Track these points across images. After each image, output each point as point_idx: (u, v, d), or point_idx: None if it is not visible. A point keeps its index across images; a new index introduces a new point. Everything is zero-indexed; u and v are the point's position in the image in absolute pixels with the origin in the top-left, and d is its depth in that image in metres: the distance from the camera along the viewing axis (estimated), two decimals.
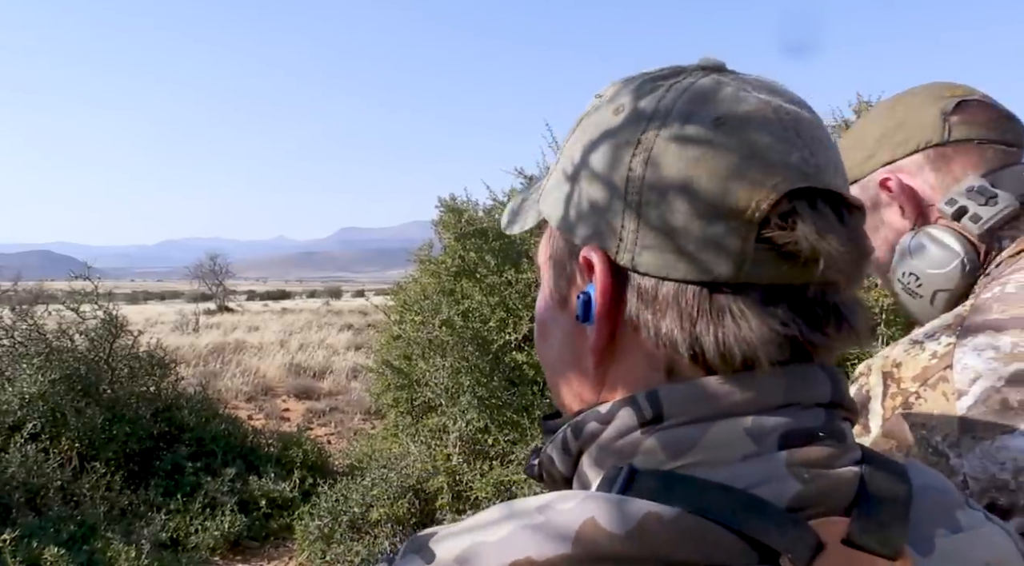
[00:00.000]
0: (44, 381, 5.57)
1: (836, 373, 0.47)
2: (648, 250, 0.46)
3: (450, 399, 4.59)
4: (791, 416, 0.44)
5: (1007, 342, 0.72)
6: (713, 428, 0.44)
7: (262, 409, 9.32)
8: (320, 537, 4.64)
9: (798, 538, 0.40)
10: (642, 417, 0.45)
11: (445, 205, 5.41)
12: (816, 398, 0.45)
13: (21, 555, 4.10)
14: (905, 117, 0.95)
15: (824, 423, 0.45)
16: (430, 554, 0.43)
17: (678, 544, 0.40)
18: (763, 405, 0.44)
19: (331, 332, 16.79)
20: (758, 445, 0.43)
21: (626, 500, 0.41)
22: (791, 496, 0.42)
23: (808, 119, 0.47)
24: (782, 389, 0.45)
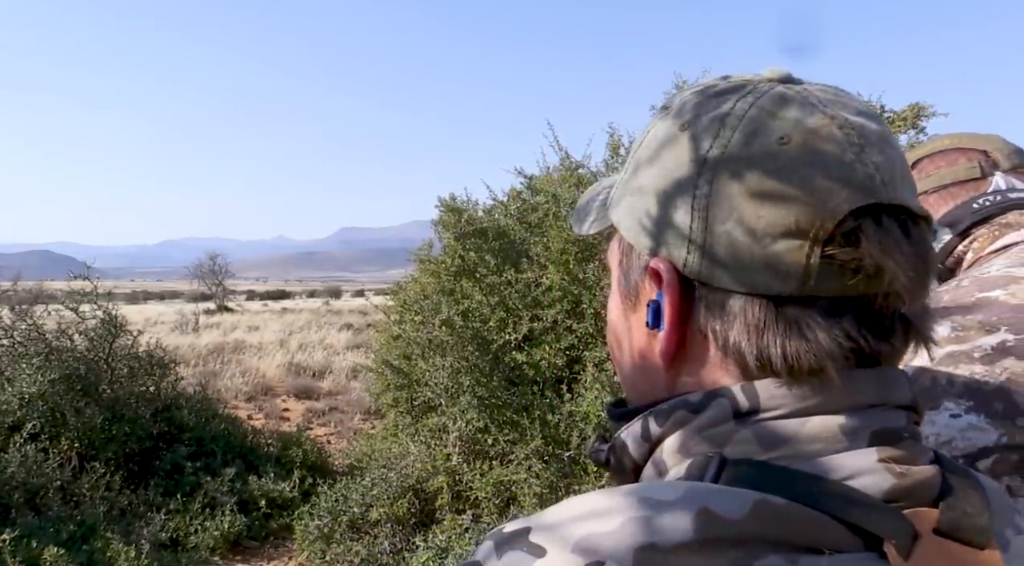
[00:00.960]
0: (44, 381, 5.57)
1: (909, 377, 0.50)
2: (716, 264, 0.47)
3: (450, 399, 4.58)
4: (880, 416, 0.46)
5: (947, 327, 0.77)
6: (809, 423, 0.45)
7: (262, 409, 9.32)
8: (320, 537, 4.64)
9: (898, 526, 0.42)
10: (737, 408, 0.47)
11: (445, 205, 5.41)
12: (899, 400, 0.48)
13: (21, 555, 4.09)
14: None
15: (906, 424, 0.48)
16: (539, 549, 0.42)
17: (792, 528, 0.41)
18: (855, 405, 0.46)
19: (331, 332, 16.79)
20: (851, 442, 0.45)
21: (734, 489, 0.43)
22: (887, 488, 0.44)
23: (874, 130, 0.48)
24: (873, 391, 0.47)
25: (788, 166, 0.45)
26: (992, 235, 0.93)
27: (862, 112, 0.49)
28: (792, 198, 0.45)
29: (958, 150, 1.02)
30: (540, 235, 4.85)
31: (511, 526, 0.45)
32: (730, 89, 0.51)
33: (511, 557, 0.42)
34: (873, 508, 0.42)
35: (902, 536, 0.42)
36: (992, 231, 0.93)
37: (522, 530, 0.44)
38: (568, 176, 5.09)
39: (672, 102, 0.55)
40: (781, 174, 0.45)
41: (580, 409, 4.07)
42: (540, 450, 4.09)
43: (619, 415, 0.54)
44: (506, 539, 0.44)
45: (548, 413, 4.23)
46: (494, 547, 0.44)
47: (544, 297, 4.62)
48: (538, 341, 4.59)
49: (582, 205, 0.66)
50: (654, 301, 0.51)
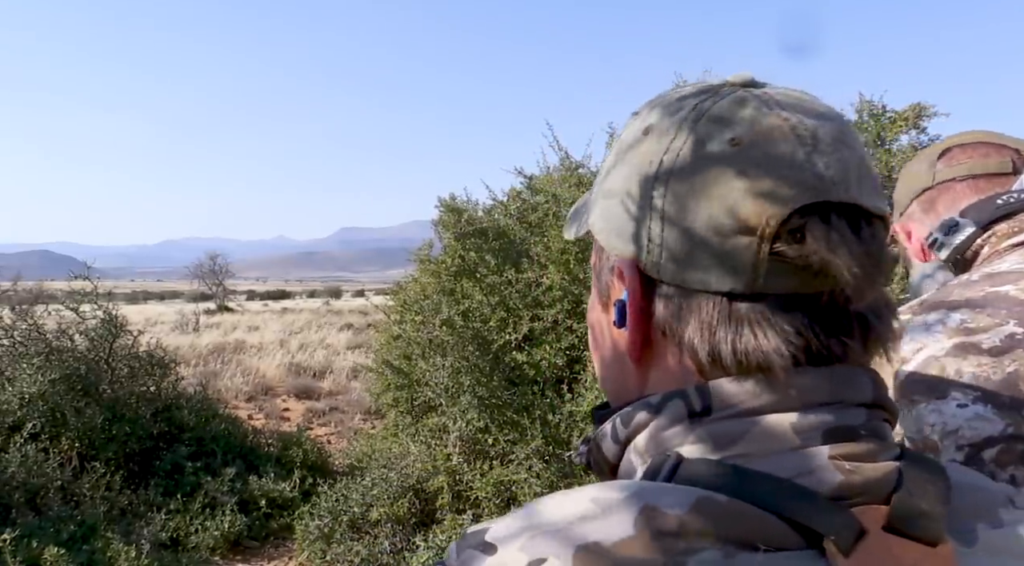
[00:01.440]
0: (44, 381, 5.57)
1: (877, 376, 0.49)
2: (672, 262, 0.49)
3: (450, 399, 4.59)
4: (834, 414, 0.46)
5: (956, 319, 0.79)
6: (761, 422, 0.46)
7: (262, 409, 9.32)
8: (320, 537, 4.64)
9: (841, 523, 0.42)
10: (691, 408, 0.48)
11: (445, 205, 5.41)
12: (858, 398, 0.48)
13: (21, 555, 4.10)
14: (907, 174, 1.11)
15: (865, 421, 0.47)
16: (491, 547, 0.44)
17: (731, 524, 0.42)
18: (808, 402, 0.46)
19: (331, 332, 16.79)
20: (802, 439, 0.45)
21: (679, 487, 0.44)
22: (834, 485, 0.44)
23: (830, 131, 0.49)
24: (826, 389, 0.47)
25: (738, 166, 0.47)
26: (1011, 230, 0.94)
27: (822, 114, 0.50)
28: (741, 198, 0.46)
29: (991, 145, 1.03)
30: (540, 235, 4.86)
31: (473, 527, 0.47)
32: (692, 94, 0.52)
33: (466, 555, 0.45)
34: (818, 505, 0.43)
35: (844, 533, 0.42)
36: (1011, 227, 0.94)
37: (480, 531, 0.46)
38: (568, 176, 5.10)
39: (642, 107, 0.57)
40: (731, 176, 0.47)
41: (580, 409, 4.08)
42: (540, 450, 4.09)
43: (599, 417, 0.56)
44: (465, 539, 0.47)
45: (548, 413, 4.24)
46: (455, 547, 0.47)
47: (544, 297, 4.63)
48: (538, 341, 4.60)
49: (574, 210, 0.67)
50: (620, 300, 0.52)
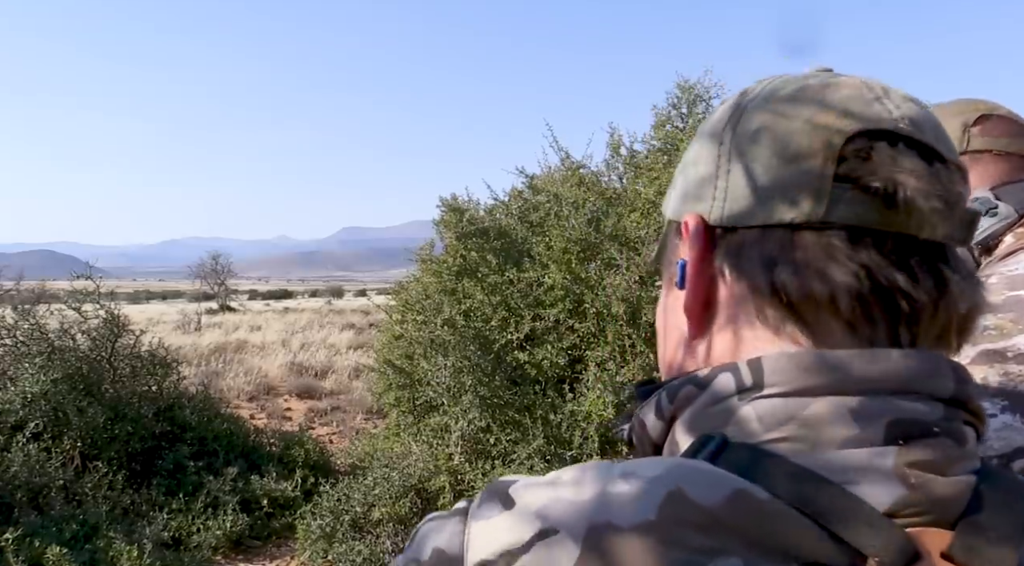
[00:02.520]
0: (46, 380, 5.58)
1: (963, 370, 0.44)
2: (734, 202, 0.47)
3: (452, 398, 4.59)
4: (903, 405, 0.41)
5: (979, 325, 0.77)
6: (816, 403, 0.41)
7: (264, 408, 9.33)
8: (322, 536, 4.64)
9: (891, 544, 0.37)
10: (740, 383, 0.43)
11: (446, 204, 5.41)
12: (936, 390, 0.42)
13: (23, 554, 4.10)
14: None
15: (941, 419, 0.41)
16: (510, 502, 0.42)
17: (766, 529, 0.38)
18: (874, 387, 0.41)
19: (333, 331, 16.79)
20: (863, 429, 0.40)
21: (717, 473, 0.40)
22: (894, 499, 0.39)
23: (904, 94, 0.47)
24: (899, 373, 0.41)
25: (804, 102, 0.46)
26: None
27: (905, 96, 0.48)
28: (806, 124, 0.45)
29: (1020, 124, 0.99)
30: (542, 234, 4.86)
31: (506, 476, 0.45)
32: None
33: (487, 499, 0.43)
34: (868, 520, 0.38)
35: (893, 555, 0.37)
36: None
37: (509, 482, 0.44)
38: (569, 176, 5.10)
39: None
40: (797, 109, 0.46)
41: (582, 408, 4.08)
42: (542, 449, 4.09)
43: (643, 393, 0.52)
44: (495, 484, 0.44)
45: (550, 413, 4.24)
46: (485, 489, 0.45)
47: (546, 296, 4.63)
48: (540, 341, 4.60)
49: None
50: (682, 259, 0.50)
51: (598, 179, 5.10)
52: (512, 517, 0.41)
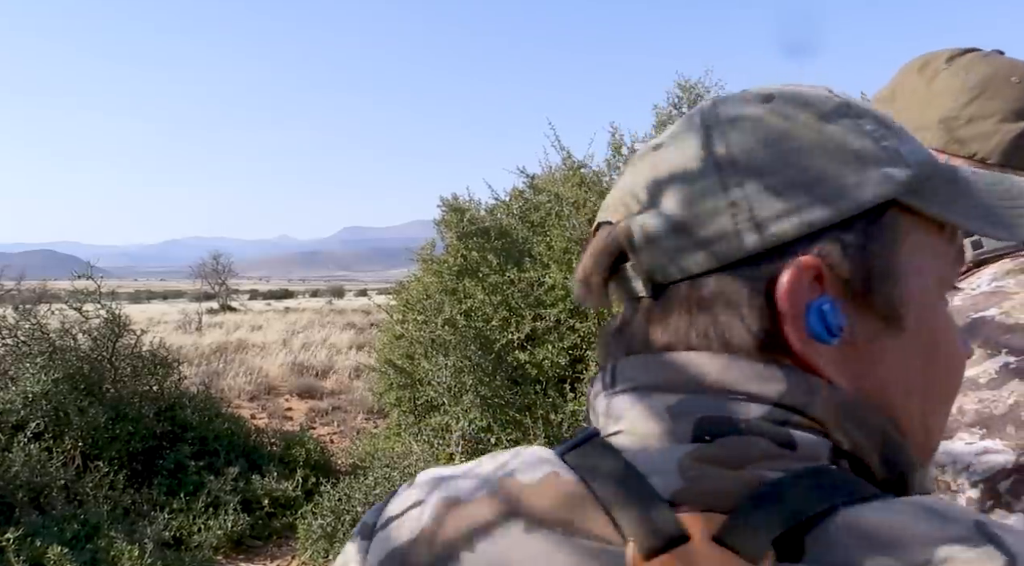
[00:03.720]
0: (47, 380, 5.58)
1: (802, 383, 0.44)
2: None
3: (453, 398, 4.59)
4: (719, 402, 0.43)
5: None
6: (644, 401, 0.45)
7: (265, 408, 9.33)
8: (323, 536, 4.64)
9: (654, 527, 0.40)
10: (603, 381, 0.49)
11: (447, 204, 5.41)
12: (755, 393, 0.43)
13: (25, 554, 4.10)
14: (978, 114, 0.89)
15: (758, 419, 0.43)
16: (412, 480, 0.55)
17: (559, 507, 0.43)
18: (695, 387, 0.44)
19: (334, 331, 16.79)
20: (675, 424, 0.43)
21: (546, 459, 0.47)
22: (673, 490, 0.41)
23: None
24: (713, 376, 0.44)
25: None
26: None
27: None
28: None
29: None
30: (543, 234, 4.86)
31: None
32: None
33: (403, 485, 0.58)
34: (644, 507, 0.41)
35: (651, 537, 0.39)
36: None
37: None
38: (570, 175, 5.10)
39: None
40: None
41: (583, 408, 4.07)
42: None
43: None
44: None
45: (551, 412, 4.24)
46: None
47: (547, 296, 4.63)
48: (541, 340, 4.60)
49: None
50: None
51: (599, 179, 5.10)
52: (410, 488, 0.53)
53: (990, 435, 0.71)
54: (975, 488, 0.70)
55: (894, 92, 0.96)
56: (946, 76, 0.91)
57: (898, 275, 0.46)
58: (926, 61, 0.94)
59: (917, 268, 0.46)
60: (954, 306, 0.80)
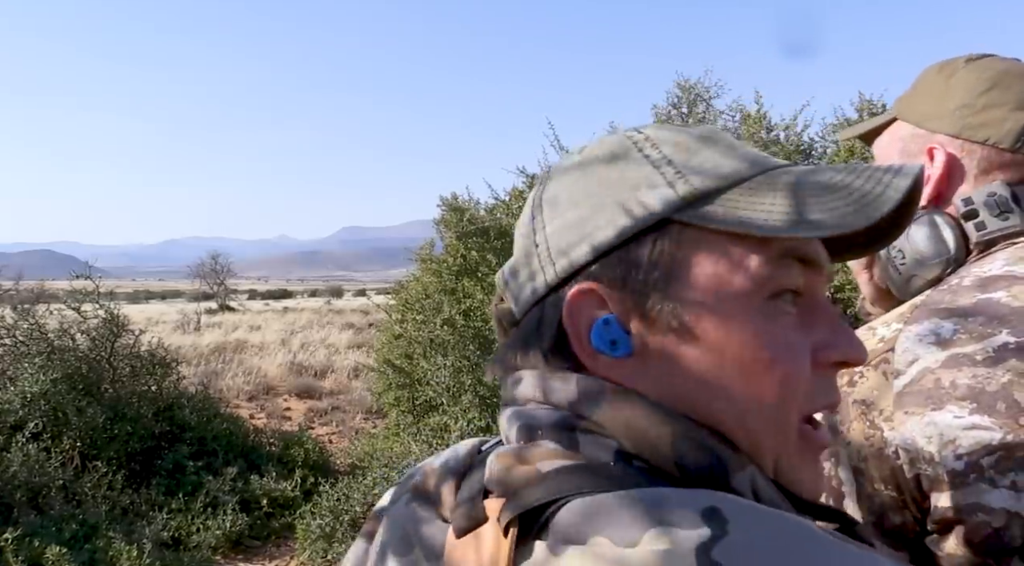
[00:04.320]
0: (46, 380, 5.58)
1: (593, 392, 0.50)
2: None
3: (451, 398, 4.59)
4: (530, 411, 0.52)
5: (949, 329, 0.77)
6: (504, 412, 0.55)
7: (263, 408, 9.33)
8: (321, 536, 4.64)
9: (465, 512, 0.49)
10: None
11: (447, 204, 5.41)
12: (557, 401, 0.51)
13: (23, 554, 4.10)
14: (992, 103, 0.91)
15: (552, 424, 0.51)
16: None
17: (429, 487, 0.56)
18: (521, 400, 0.53)
19: (332, 331, 16.79)
20: (511, 429, 0.53)
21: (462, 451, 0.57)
22: (481, 482, 0.51)
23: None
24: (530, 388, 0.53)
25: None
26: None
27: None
28: None
29: None
30: None
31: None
32: None
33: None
34: (464, 497, 0.51)
35: (459, 521, 0.49)
36: None
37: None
38: None
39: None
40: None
41: None
42: None
43: None
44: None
45: None
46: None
47: None
48: None
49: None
50: None
51: None
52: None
53: (979, 411, 0.71)
54: (959, 461, 0.71)
55: (915, 88, 1.00)
56: (964, 73, 0.94)
57: (683, 287, 0.49)
58: (946, 62, 0.98)
59: (711, 277, 0.49)
60: (963, 286, 0.81)
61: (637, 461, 0.48)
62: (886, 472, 0.75)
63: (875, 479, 0.76)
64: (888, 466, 0.75)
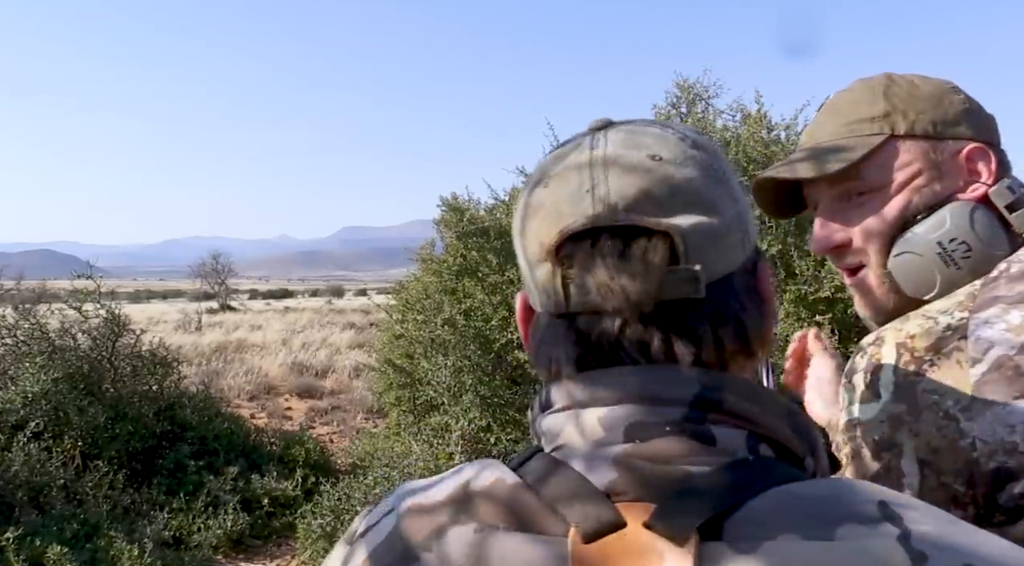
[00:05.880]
0: (47, 380, 5.59)
1: (716, 381, 0.51)
2: (531, 293, 0.58)
3: (452, 398, 4.59)
4: (639, 409, 0.50)
5: (1018, 316, 0.76)
6: (578, 416, 0.52)
7: (264, 408, 9.34)
8: (322, 536, 4.64)
9: (595, 515, 0.46)
10: (540, 404, 0.56)
11: (447, 204, 5.41)
12: (674, 397, 0.50)
13: (24, 553, 4.11)
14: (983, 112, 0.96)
15: (679, 420, 0.49)
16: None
17: (508, 506, 0.49)
18: (617, 399, 0.51)
19: (333, 331, 16.79)
20: (609, 433, 0.50)
21: (497, 468, 0.53)
22: (606, 483, 0.48)
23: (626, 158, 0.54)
24: (635, 387, 0.51)
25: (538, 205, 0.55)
26: None
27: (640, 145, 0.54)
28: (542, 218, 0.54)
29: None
30: None
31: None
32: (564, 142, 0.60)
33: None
34: (585, 499, 0.47)
35: (591, 524, 0.45)
36: None
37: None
38: None
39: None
40: (529, 212, 0.56)
41: None
42: None
43: None
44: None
45: None
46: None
47: None
48: None
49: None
50: None
51: None
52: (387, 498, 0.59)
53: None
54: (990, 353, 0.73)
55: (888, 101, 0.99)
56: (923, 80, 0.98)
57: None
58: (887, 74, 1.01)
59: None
60: (1012, 274, 0.82)
61: (763, 447, 0.50)
62: (960, 464, 0.73)
63: (944, 472, 0.74)
64: (963, 458, 0.73)
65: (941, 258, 0.88)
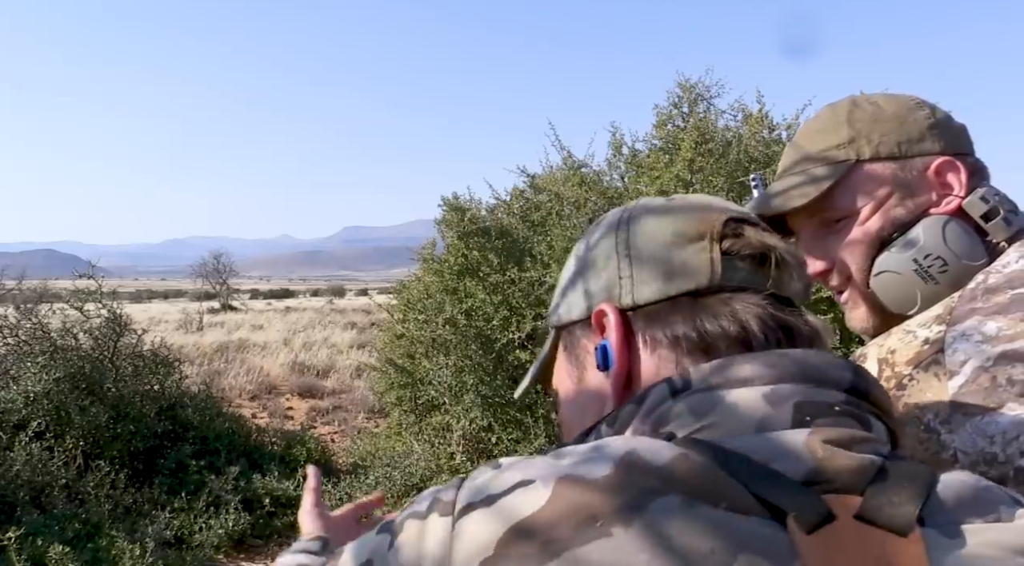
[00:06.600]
0: (48, 380, 5.59)
1: (861, 370, 0.53)
2: (643, 285, 0.58)
3: (453, 398, 4.59)
4: (807, 388, 0.50)
5: (993, 327, 0.77)
6: (732, 393, 0.50)
7: (266, 408, 9.34)
8: None
9: (807, 504, 0.43)
10: (674, 388, 0.52)
11: (448, 204, 5.41)
12: (834, 380, 0.51)
13: (26, 553, 4.11)
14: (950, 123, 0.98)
15: (842, 402, 0.50)
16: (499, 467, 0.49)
17: (702, 481, 0.44)
18: (780, 377, 0.50)
19: (335, 331, 16.80)
20: (775, 409, 0.48)
21: (664, 444, 0.47)
22: (806, 471, 0.45)
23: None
24: (798, 365, 0.50)
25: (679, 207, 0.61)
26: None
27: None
28: (689, 219, 0.58)
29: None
30: (543, 234, 4.86)
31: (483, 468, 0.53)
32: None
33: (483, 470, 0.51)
34: (785, 487, 0.44)
35: (809, 513, 0.43)
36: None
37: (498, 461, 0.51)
38: (571, 175, 5.09)
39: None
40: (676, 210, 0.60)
41: None
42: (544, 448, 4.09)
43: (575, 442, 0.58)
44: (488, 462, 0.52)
45: (552, 411, 4.24)
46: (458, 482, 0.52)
47: (548, 296, 4.62)
48: (542, 340, 4.60)
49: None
50: (601, 344, 0.58)
51: (600, 178, 5.09)
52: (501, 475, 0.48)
53: None
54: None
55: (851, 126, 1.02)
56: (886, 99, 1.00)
57: None
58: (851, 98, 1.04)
59: None
60: (988, 285, 0.82)
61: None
62: None
63: None
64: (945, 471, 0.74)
65: (918, 274, 0.90)
